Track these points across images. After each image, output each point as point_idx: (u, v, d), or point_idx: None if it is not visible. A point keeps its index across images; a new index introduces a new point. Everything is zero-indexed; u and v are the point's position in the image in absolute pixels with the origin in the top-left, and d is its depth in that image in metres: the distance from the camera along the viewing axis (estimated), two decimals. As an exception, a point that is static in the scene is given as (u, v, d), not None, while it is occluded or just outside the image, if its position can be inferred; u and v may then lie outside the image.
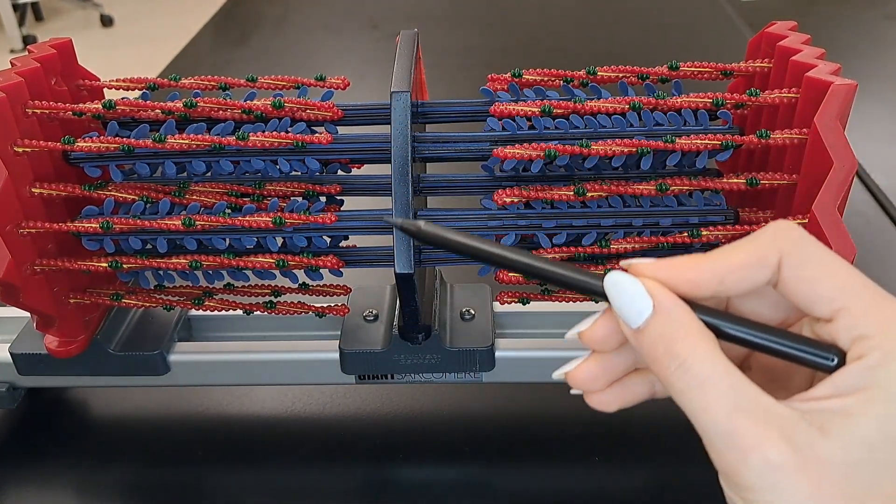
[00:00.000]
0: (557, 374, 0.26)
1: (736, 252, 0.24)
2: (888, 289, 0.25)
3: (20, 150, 0.41)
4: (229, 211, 0.44)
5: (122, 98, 0.45)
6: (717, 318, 0.24)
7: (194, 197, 0.44)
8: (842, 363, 0.23)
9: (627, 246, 0.43)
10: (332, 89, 0.46)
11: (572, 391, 0.27)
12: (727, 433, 0.22)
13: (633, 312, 0.24)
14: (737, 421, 0.22)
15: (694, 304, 0.24)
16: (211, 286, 0.47)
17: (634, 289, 0.24)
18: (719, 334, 0.24)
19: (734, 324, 0.25)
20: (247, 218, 0.42)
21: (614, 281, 0.24)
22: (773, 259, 0.24)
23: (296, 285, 0.47)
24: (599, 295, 0.26)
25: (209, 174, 0.45)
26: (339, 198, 0.46)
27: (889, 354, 0.22)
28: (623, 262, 0.26)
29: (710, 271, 0.24)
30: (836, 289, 0.23)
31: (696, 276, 0.24)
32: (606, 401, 0.27)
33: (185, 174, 0.45)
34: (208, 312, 0.51)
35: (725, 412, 0.22)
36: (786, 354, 0.24)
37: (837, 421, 0.22)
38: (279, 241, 0.45)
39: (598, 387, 0.27)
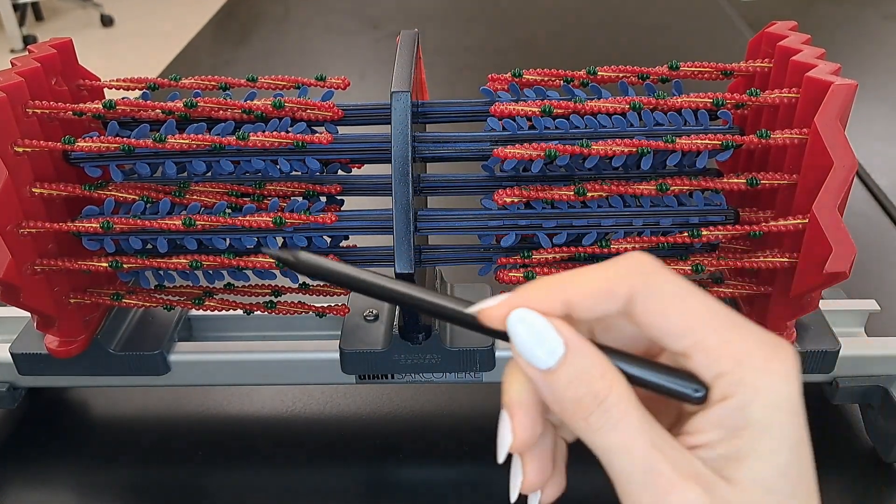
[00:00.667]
0: (514, 497, 0.25)
1: (587, 279, 0.23)
2: (888, 288, 0.25)
3: (20, 149, 0.41)
4: (229, 211, 0.44)
5: (123, 98, 0.45)
6: None
7: (194, 197, 0.44)
8: (706, 396, 0.23)
9: (628, 246, 0.43)
10: (332, 89, 0.46)
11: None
12: (646, 472, 0.22)
13: (542, 353, 0.22)
14: (656, 460, 0.21)
15: None
16: (211, 286, 0.47)
17: (544, 327, 0.23)
18: None
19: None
20: (247, 218, 0.42)
21: (520, 318, 0.23)
22: (621, 290, 0.23)
23: (296, 285, 0.47)
24: (480, 329, 0.24)
25: (209, 174, 0.45)
26: (339, 198, 0.46)
27: (752, 389, 0.22)
28: (471, 309, 0.24)
29: (558, 300, 0.23)
30: (686, 323, 0.23)
31: (544, 306, 0.23)
32: (559, 483, 0.26)
33: (185, 174, 0.45)
34: (208, 312, 0.51)
35: (644, 451, 0.22)
36: (650, 385, 0.23)
37: (733, 466, 0.22)
38: (279, 240, 0.45)
39: (547, 476, 0.25)
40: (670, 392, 0.23)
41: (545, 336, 0.23)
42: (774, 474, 0.21)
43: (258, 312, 0.47)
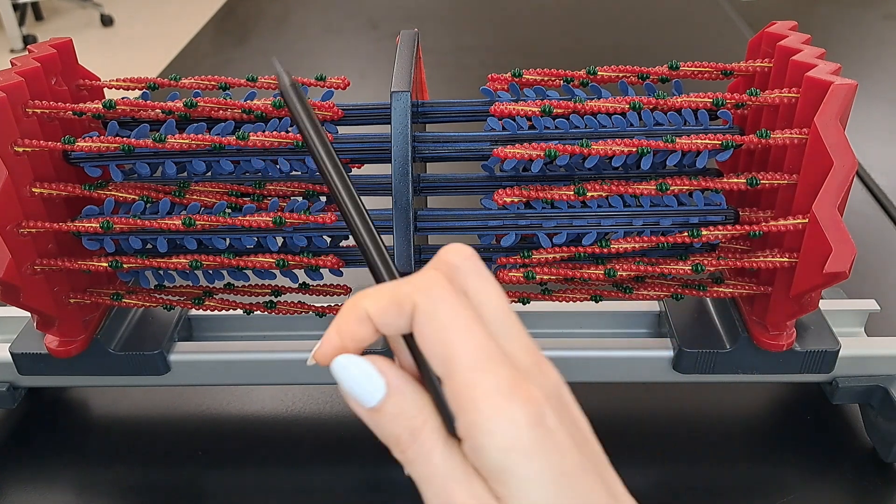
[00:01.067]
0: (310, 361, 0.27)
1: (379, 296, 0.25)
2: (888, 288, 0.25)
3: (20, 149, 0.41)
4: (229, 211, 0.44)
5: (123, 98, 0.45)
6: None
7: (194, 197, 0.44)
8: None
9: (627, 246, 0.43)
10: (332, 89, 0.46)
11: None
12: (439, 497, 0.23)
13: (366, 393, 0.24)
14: (451, 491, 0.23)
15: None
16: (211, 286, 0.47)
17: (367, 371, 0.25)
18: None
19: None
20: (247, 218, 0.42)
21: (344, 365, 0.25)
22: (406, 307, 0.24)
23: (296, 285, 0.47)
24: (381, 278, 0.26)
25: (209, 174, 0.45)
26: (339, 197, 0.46)
27: (485, 432, 0.23)
28: (309, 360, 0.26)
29: (364, 319, 0.24)
30: (444, 353, 0.23)
31: (359, 331, 0.25)
32: None
33: (185, 174, 0.45)
34: (208, 312, 0.51)
35: (441, 482, 0.23)
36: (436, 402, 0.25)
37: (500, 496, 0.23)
38: (279, 240, 0.45)
39: None
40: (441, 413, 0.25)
41: (367, 379, 0.24)
42: None
43: (258, 312, 0.47)
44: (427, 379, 0.25)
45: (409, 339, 0.25)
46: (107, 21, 3.18)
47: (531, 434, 0.23)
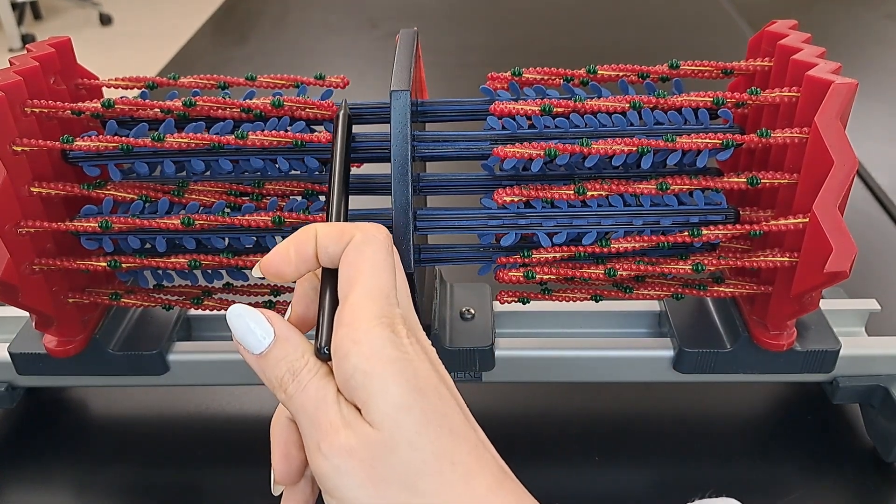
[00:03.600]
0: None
1: (331, 224, 0.29)
2: (889, 288, 0.25)
3: (19, 149, 0.41)
4: (228, 210, 0.43)
5: (121, 97, 0.45)
6: None
7: (193, 196, 0.44)
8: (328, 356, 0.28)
9: (628, 245, 0.43)
10: (331, 88, 0.46)
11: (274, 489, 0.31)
12: (313, 423, 0.26)
13: (256, 340, 0.28)
14: (320, 414, 0.26)
15: None
16: (210, 286, 0.47)
17: (258, 319, 0.28)
18: None
19: None
20: (246, 217, 0.42)
21: (238, 313, 0.28)
22: (346, 236, 0.29)
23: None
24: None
25: (208, 173, 0.44)
26: (338, 197, 0.46)
27: (343, 346, 0.27)
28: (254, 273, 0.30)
29: (312, 238, 0.29)
30: (349, 278, 0.28)
31: (304, 246, 0.29)
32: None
33: (184, 173, 0.45)
34: (207, 312, 0.51)
35: (312, 409, 0.27)
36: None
37: (365, 410, 0.26)
38: (279, 240, 0.45)
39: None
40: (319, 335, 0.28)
41: (258, 326, 0.28)
42: (396, 408, 0.25)
43: (257, 312, 0.47)
44: (324, 307, 0.29)
45: (326, 272, 0.29)
46: (105, 20, 3.18)
47: (393, 351, 0.26)
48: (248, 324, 0.28)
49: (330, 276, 0.29)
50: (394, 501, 0.25)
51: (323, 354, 0.28)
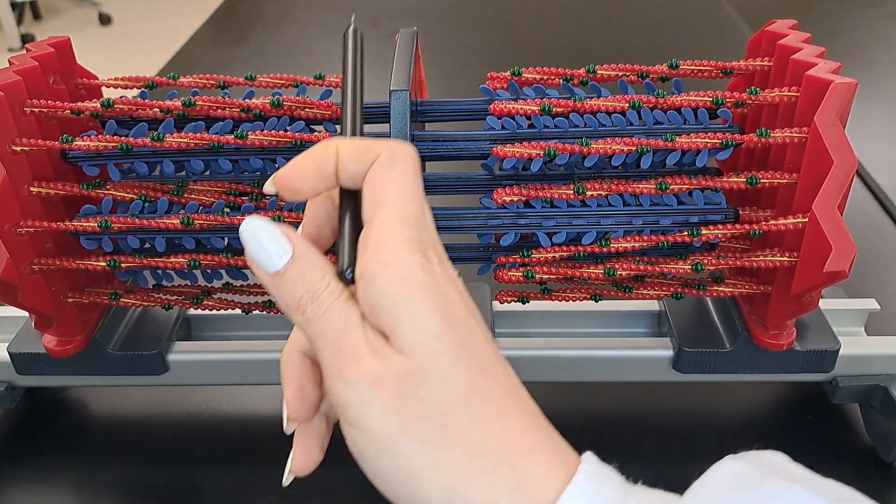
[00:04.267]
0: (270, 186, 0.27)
1: (354, 139, 0.27)
2: (888, 288, 0.25)
3: (18, 149, 0.41)
4: (228, 210, 0.43)
5: (121, 97, 0.45)
6: None
7: (193, 196, 0.44)
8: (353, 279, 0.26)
9: (627, 245, 0.43)
10: (331, 88, 0.46)
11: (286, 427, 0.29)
12: (336, 349, 0.24)
13: (272, 258, 0.25)
14: (343, 340, 0.24)
15: None
16: (210, 285, 0.47)
17: (276, 235, 0.26)
18: None
19: None
20: (246, 217, 0.42)
21: (254, 227, 0.26)
22: (372, 153, 0.26)
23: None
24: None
25: (208, 173, 0.44)
26: (338, 197, 0.46)
27: (371, 269, 0.24)
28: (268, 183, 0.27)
29: (332, 154, 0.26)
30: (376, 198, 0.25)
31: (325, 164, 0.26)
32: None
33: (183, 173, 0.45)
34: (207, 312, 0.51)
35: (335, 333, 0.25)
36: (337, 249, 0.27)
37: (393, 338, 0.24)
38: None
39: (314, 461, 0.30)
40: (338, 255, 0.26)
41: (275, 243, 0.25)
42: (428, 337, 0.24)
43: (257, 312, 0.47)
44: (344, 229, 0.27)
45: (344, 192, 0.27)
46: (105, 20, 3.17)
47: (423, 276, 0.24)
48: (264, 239, 0.26)
49: (349, 197, 0.27)
50: (422, 434, 0.24)
51: (346, 278, 0.26)
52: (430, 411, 0.24)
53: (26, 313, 0.49)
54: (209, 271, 0.46)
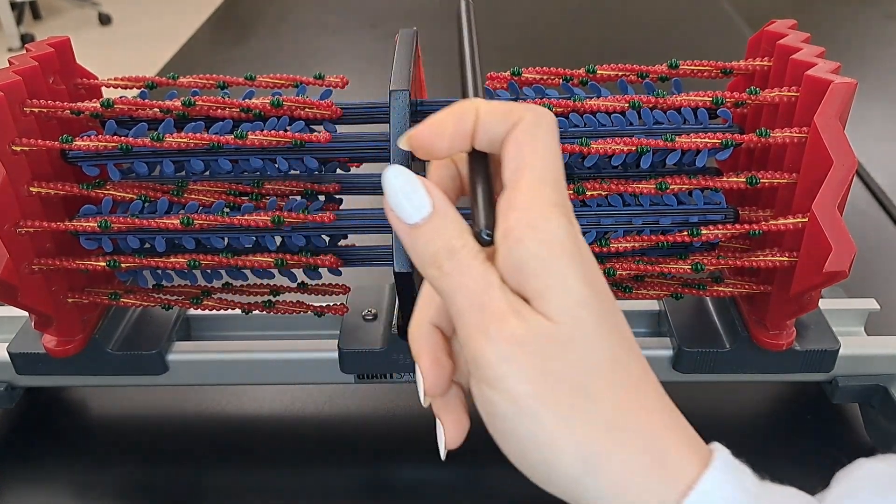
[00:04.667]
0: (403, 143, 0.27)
1: (496, 103, 0.26)
2: (888, 287, 0.25)
3: (18, 149, 0.41)
4: (228, 210, 0.43)
5: (121, 97, 0.45)
6: None
7: (193, 196, 0.44)
8: (492, 240, 0.25)
9: (627, 245, 0.43)
10: (330, 88, 0.46)
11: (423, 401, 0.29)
12: (478, 306, 0.24)
13: (412, 209, 0.25)
14: (487, 298, 0.24)
15: None
16: (209, 285, 0.47)
17: (417, 187, 0.25)
18: None
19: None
20: (245, 217, 0.42)
21: (396, 174, 0.25)
22: (515, 115, 0.26)
23: (294, 284, 0.47)
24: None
25: (208, 173, 0.44)
26: (337, 197, 0.46)
27: (518, 230, 0.24)
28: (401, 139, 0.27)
29: (472, 114, 0.26)
30: (519, 161, 0.25)
31: (462, 123, 0.26)
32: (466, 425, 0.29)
33: (183, 173, 0.45)
34: (207, 312, 0.51)
35: (478, 290, 0.24)
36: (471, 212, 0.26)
37: (537, 302, 0.24)
38: (278, 240, 0.45)
39: (464, 429, 0.29)
40: (474, 218, 0.26)
41: (417, 195, 0.25)
42: (575, 303, 0.24)
43: (256, 312, 0.47)
44: (478, 190, 0.26)
45: (475, 154, 0.26)
46: (105, 20, 3.17)
47: (570, 239, 0.24)
48: (407, 189, 0.25)
49: (481, 160, 0.27)
50: (562, 399, 0.23)
51: (484, 239, 0.25)
52: (572, 377, 0.23)
53: (26, 313, 0.49)
54: (209, 271, 0.46)
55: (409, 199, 0.25)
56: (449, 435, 0.28)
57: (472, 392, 0.25)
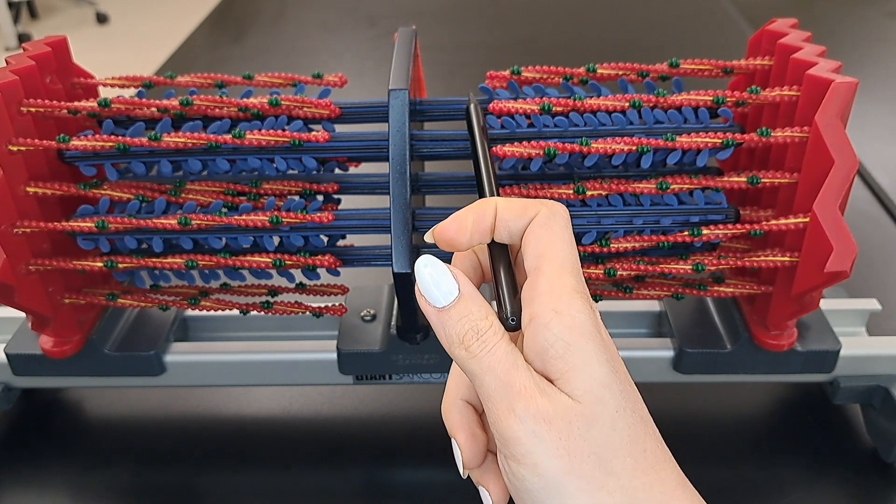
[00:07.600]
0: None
1: (513, 201, 0.29)
2: (889, 288, 0.25)
3: (15, 148, 0.41)
4: (225, 210, 0.43)
5: (118, 96, 0.44)
6: None
7: (190, 196, 0.44)
8: (517, 325, 0.27)
9: (627, 245, 0.43)
10: (329, 87, 0.45)
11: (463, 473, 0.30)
12: (503, 386, 0.26)
13: (440, 294, 0.27)
14: (512, 378, 0.26)
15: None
16: (207, 286, 0.47)
17: (445, 274, 0.28)
18: None
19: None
20: (243, 217, 0.42)
21: (426, 264, 0.28)
22: (531, 212, 0.28)
23: (293, 285, 0.46)
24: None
25: (205, 173, 0.44)
26: (336, 196, 0.46)
27: (543, 317, 0.26)
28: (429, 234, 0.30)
29: (491, 213, 0.28)
30: (539, 252, 0.27)
31: (482, 222, 0.28)
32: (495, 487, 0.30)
33: (180, 173, 0.45)
34: (204, 312, 0.51)
35: (504, 370, 0.26)
36: (497, 298, 0.29)
37: (561, 383, 0.26)
38: (276, 240, 0.44)
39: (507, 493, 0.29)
40: (500, 306, 0.28)
41: (444, 281, 0.27)
42: (598, 384, 0.25)
43: (254, 312, 0.47)
44: (501, 279, 0.29)
45: (496, 246, 0.29)
46: (102, 19, 3.17)
47: (591, 324, 0.26)
48: (435, 276, 0.28)
49: (501, 251, 0.29)
50: (587, 476, 0.25)
51: (510, 324, 0.27)
52: (596, 454, 0.25)
53: (23, 314, 0.49)
54: (206, 272, 0.46)
55: (438, 285, 0.27)
56: (496, 499, 0.30)
57: (501, 468, 0.27)
